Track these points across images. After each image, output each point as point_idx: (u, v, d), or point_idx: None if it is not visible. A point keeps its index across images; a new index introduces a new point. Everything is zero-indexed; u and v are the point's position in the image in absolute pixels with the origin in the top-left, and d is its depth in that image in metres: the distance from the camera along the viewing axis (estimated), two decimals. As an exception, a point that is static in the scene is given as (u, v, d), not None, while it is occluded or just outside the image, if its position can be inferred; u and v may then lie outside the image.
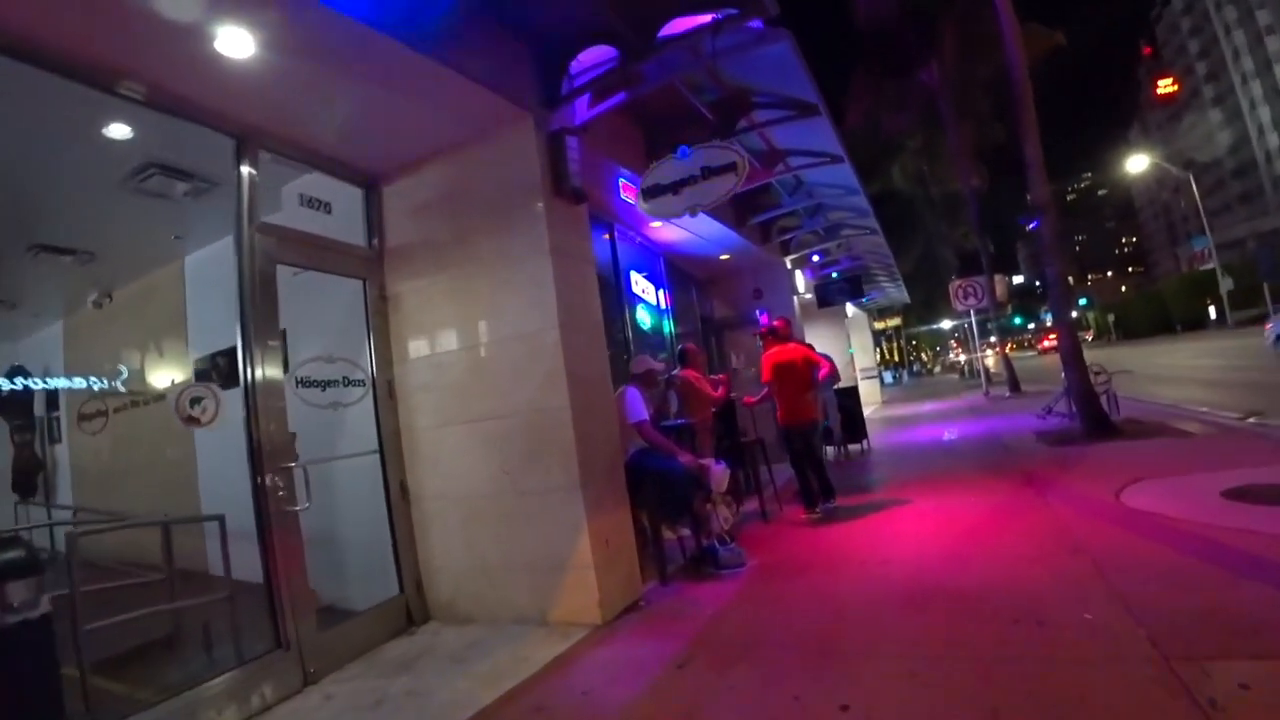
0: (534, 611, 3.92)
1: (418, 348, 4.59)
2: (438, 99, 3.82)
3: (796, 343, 6.61)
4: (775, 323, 6.65)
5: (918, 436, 10.81)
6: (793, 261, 10.75)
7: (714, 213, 7.50)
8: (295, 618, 3.41)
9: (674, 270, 9.38)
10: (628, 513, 4.40)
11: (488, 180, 4.29)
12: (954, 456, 8.13)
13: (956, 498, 5.67)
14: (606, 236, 7.20)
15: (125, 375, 3.73)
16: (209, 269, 4.56)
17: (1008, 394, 16.28)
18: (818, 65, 5.52)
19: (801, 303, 11.22)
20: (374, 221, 4.65)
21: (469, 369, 4.37)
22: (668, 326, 8.44)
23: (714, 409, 6.30)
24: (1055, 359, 8.97)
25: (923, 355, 60.62)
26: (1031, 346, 76.22)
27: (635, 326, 7.65)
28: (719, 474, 4.85)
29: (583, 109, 4.58)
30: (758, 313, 10.39)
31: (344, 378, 4.55)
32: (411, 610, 4.27)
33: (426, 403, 4.50)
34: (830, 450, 9.44)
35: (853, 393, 10.24)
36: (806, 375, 6.01)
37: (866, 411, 17.96)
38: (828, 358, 7.24)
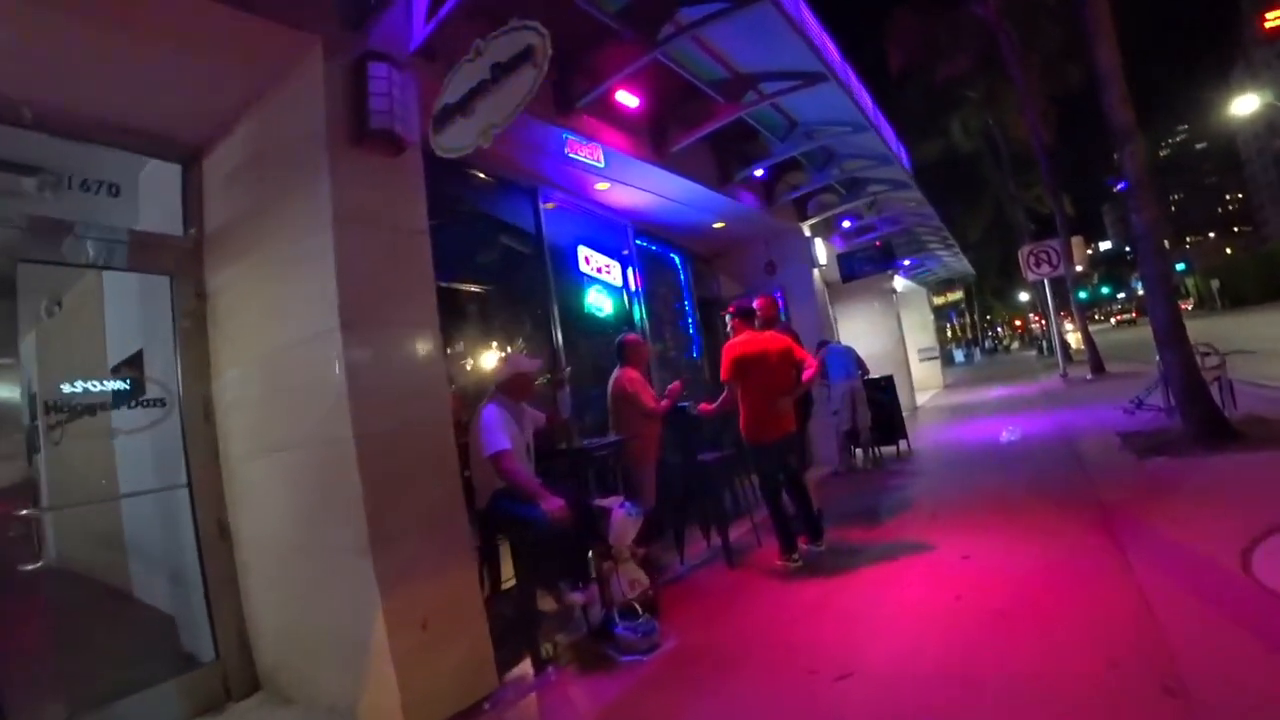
0: (344, 701, 2.89)
1: (229, 357, 3.50)
2: (210, 39, 2.85)
3: (777, 330, 5.01)
4: (752, 301, 5.06)
5: (971, 435, 8.89)
6: (812, 228, 9.00)
7: (680, 166, 5.99)
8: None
9: (660, 244, 7.88)
10: (471, 580, 3.18)
11: (283, 130, 3.22)
12: (1010, 469, 6.30)
13: (996, 545, 3.99)
14: (550, 205, 5.79)
15: None
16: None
17: (1089, 376, 13.89)
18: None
19: (826, 277, 9.45)
20: (191, 205, 3.61)
21: (267, 385, 3.28)
22: (638, 311, 6.94)
23: (659, 421, 4.82)
24: (1147, 331, 6.93)
25: (1000, 330, 56.27)
26: (1111, 317, 69.20)
27: (583, 314, 6.22)
28: (621, 522, 3.45)
29: (419, 24, 3.18)
30: (774, 293, 8.73)
31: (136, 398, 3.67)
32: (229, 680, 3.26)
33: (237, 426, 3.45)
34: (858, 455, 7.74)
35: (887, 385, 8.46)
36: (783, 374, 4.43)
37: (922, 399, 16.05)
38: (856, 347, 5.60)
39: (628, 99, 5.24)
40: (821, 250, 9.06)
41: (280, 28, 2.91)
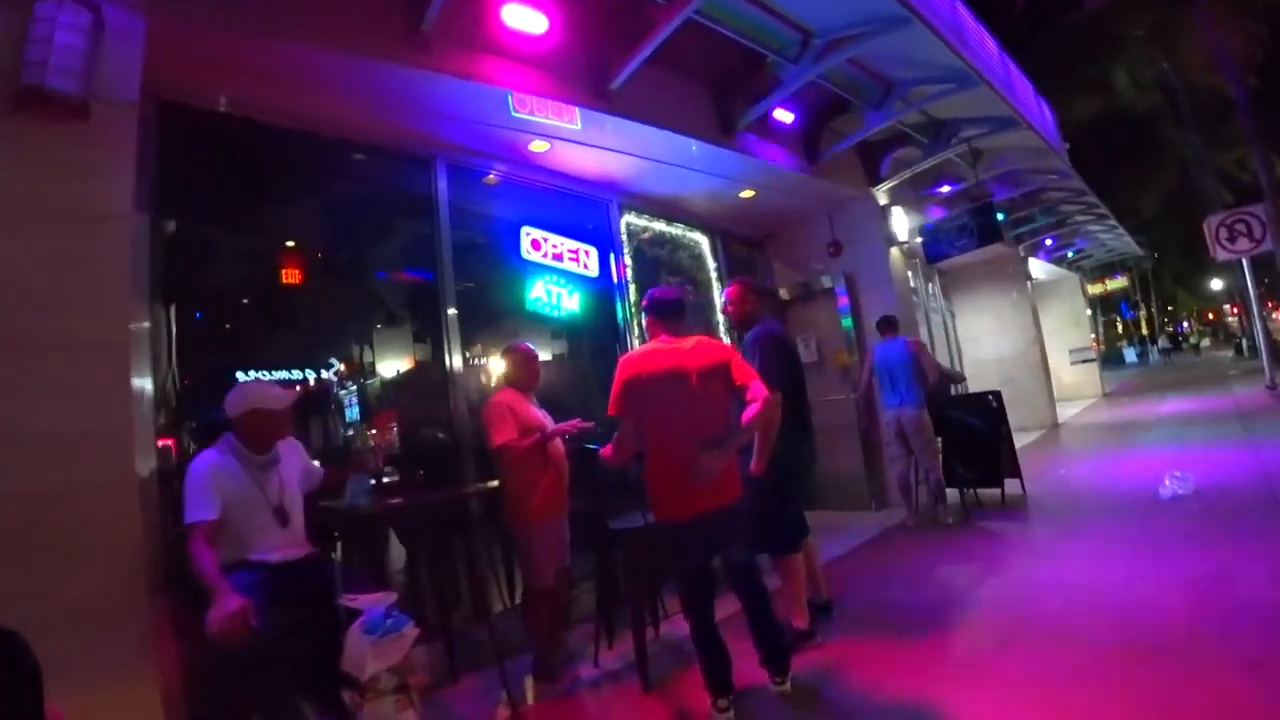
0: None
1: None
2: None
3: (704, 336, 3.08)
4: (662, 292, 3.13)
5: (1118, 477, 6.29)
6: (890, 195, 6.85)
7: (636, 109, 4.33)
8: None
9: (678, 223, 6.20)
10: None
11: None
12: (1164, 555, 3.92)
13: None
14: (492, 179, 4.41)
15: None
16: None
17: (1311, 387, 10.27)
18: None
19: (910, 256, 7.21)
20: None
21: None
22: (621, 309, 5.31)
23: (547, 465, 3.23)
24: None
25: (1187, 325, 47.68)
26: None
27: (522, 314, 4.74)
28: (356, 641, 2.03)
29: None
30: (833, 278, 6.72)
31: None
32: None
33: None
34: (943, 503, 5.59)
35: (989, 404, 6.17)
36: (705, 408, 2.63)
37: (1069, 413, 12.77)
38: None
39: (524, 18, 3.70)
40: (903, 223, 6.86)
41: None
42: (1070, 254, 14.47)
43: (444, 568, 3.48)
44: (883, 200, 6.75)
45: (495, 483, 3.34)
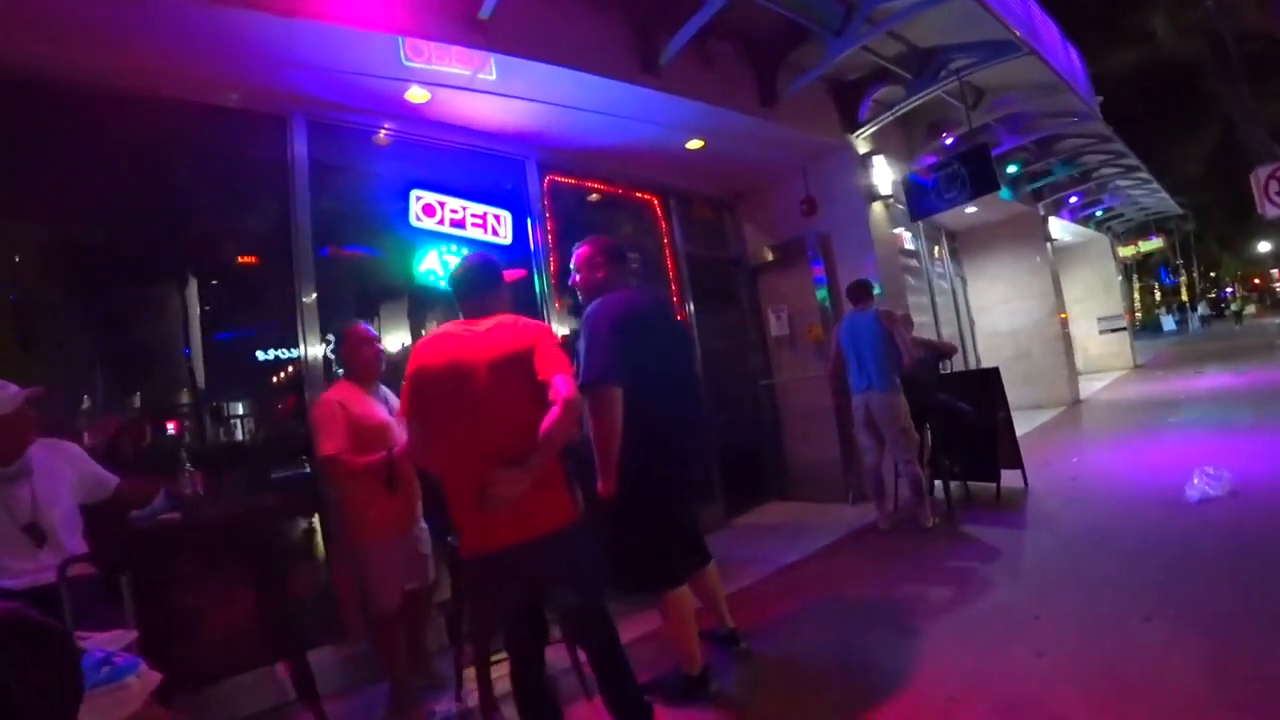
0: None
1: None
2: None
3: (509, 315, 2.19)
4: (471, 260, 2.27)
5: (1136, 471, 5.32)
6: (871, 142, 5.92)
7: (512, 43, 3.52)
8: None
9: (621, 183, 5.40)
10: None
11: None
12: (1187, 584, 3.07)
13: None
14: (383, 138, 3.71)
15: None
16: None
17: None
18: None
19: (894, 214, 6.27)
20: None
21: None
22: (539, 281, 4.54)
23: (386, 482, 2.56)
24: None
25: (1232, 291, 45.22)
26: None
27: (409, 290, 4.04)
28: None
29: None
30: (806, 239, 5.85)
31: None
32: None
33: None
34: (938, 489, 4.79)
35: (986, 382, 5.29)
36: (501, 411, 1.86)
37: (1094, 388, 11.65)
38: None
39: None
40: (887, 176, 5.93)
41: None
42: (1099, 213, 13.20)
43: (257, 593, 2.80)
44: (863, 149, 5.82)
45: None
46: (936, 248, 9.32)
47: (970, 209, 9.29)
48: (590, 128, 4.54)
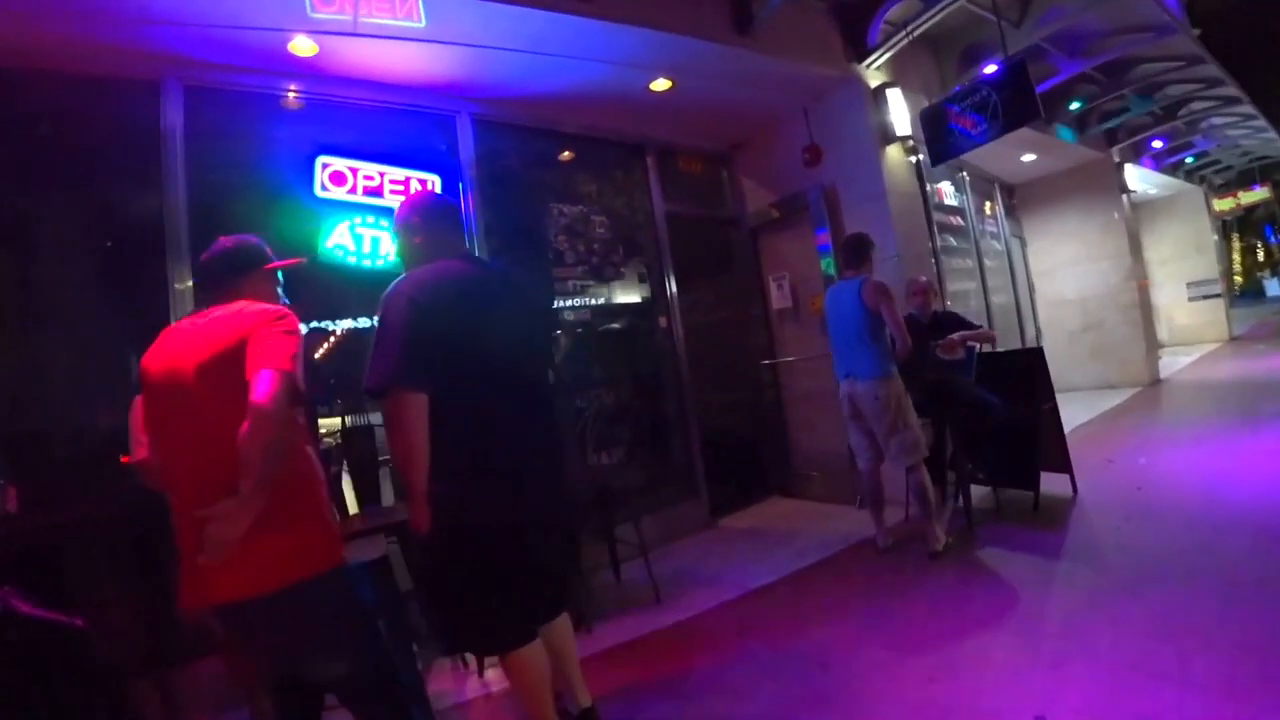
0: None
1: None
2: None
3: (239, 302, 1.57)
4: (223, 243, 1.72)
5: (1227, 483, 4.16)
6: (886, 72, 4.95)
7: None
8: None
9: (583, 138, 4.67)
10: None
11: None
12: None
13: None
14: (293, 99, 3.31)
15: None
16: None
17: None
18: None
19: (925, 163, 5.26)
20: None
21: None
22: (475, 250, 3.90)
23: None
24: None
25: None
26: None
27: (314, 267, 3.47)
28: None
29: None
30: (809, 194, 4.97)
31: None
32: None
33: None
34: (937, 519, 3.91)
35: (1028, 366, 4.30)
36: (229, 422, 1.28)
37: (1178, 365, 10.11)
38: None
39: None
40: (904, 113, 4.94)
41: None
42: (1189, 159, 11.46)
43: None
44: (874, 81, 4.83)
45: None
46: (989, 203, 8.12)
47: (1028, 156, 8.05)
48: (526, 72, 3.81)
